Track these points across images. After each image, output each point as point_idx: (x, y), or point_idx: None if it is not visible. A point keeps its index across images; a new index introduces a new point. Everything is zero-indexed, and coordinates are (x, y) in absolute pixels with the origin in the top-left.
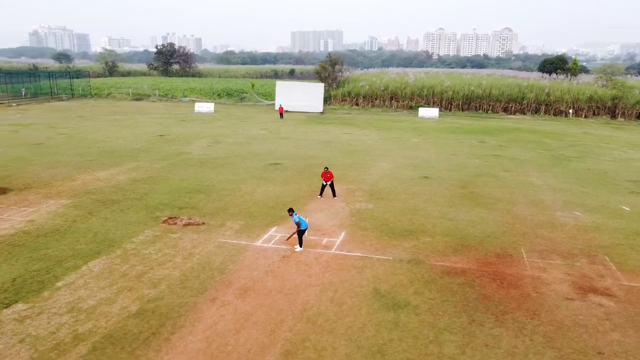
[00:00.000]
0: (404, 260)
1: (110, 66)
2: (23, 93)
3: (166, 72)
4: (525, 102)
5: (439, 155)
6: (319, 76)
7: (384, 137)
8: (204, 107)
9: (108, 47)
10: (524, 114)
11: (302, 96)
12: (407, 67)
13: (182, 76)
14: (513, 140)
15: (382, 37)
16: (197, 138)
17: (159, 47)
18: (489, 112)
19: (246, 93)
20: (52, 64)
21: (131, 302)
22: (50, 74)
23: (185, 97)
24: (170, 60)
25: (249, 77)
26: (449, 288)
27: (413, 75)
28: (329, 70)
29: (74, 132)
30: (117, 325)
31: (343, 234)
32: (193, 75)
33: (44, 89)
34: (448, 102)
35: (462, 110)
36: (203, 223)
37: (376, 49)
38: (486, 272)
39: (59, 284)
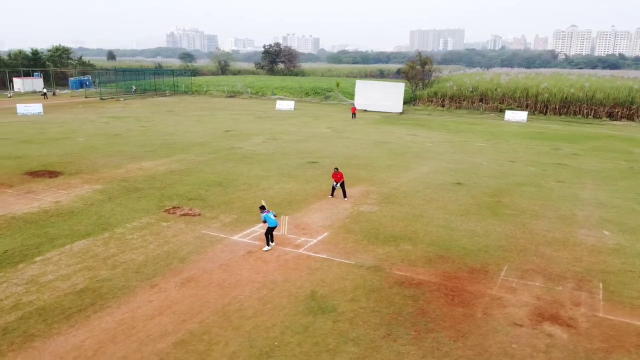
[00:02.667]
0: (365, 266)
1: (223, 65)
2: (133, 89)
3: (272, 71)
4: (634, 106)
5: (494, 161)
6: (405, 76)
7: (448, 140)
8: (285, 104)
9: (234, 48)
10: (632, 120)
11: (381, 96)
12: (528, 67)
13: (286, 74)
14: (595, 149)
15: (507, 36)
16: (258, 134)
17: (266, 47)
18: (589, 117)
19: (331, 92)
20: (175, 63)
21: (82, 281)
22: (155, 72)
23: (274, 94)
24: (276, 60)
25: (352, 76)
26: (389, 299)
27: (507, 76)
28: (416, 70)
29: (154, 125)
30: (55, 299)
31: (324, 235)
32: (296, 74)
33: (153, 85)
34: (543, 105)
35: (559, 114)
36: (199, 214)
37: (499, 48)
38: (444, 287)
39: (38, 258)
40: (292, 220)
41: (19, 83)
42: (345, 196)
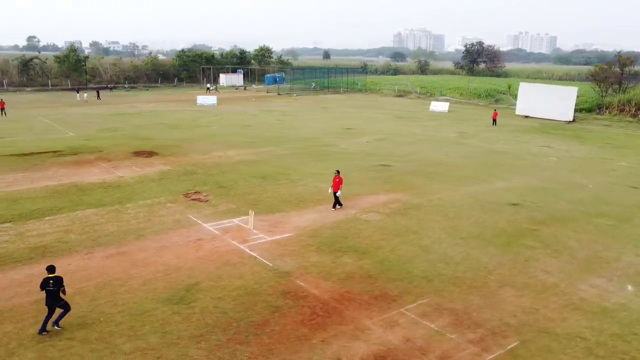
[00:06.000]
0: (278, 270)
1: (423, 64)
2: (312, 87)
3: (471, 71)
4: None
5: (611, 184)
6: (594, 79)
7: (586, 156)
8: (439, 106)
9: (459, 47)
10: None
11: (547, 101)
12: None
13: (486, 75)
14: None
15: None
16: (374, 134)
17: (467, 46)
18: None
19: (504, 94)
20: (381, 61)
21: (49, 240)
22: (329, 70)
23: (443, 95)
24: (477, 60)
25: (565, 79)
26: (253, 305)
27: None
28: (609, 72)
29: (290, 119)
30: (13, 250)
31: (286, 235)
32: (498, 75)
33: (331, 83)
34: None
35: None
36: (206, 200)
37: None
38: (322, 305)
39: (47, 218)
40: (279, 217)
41: (223, 78)
42: (338, 205)
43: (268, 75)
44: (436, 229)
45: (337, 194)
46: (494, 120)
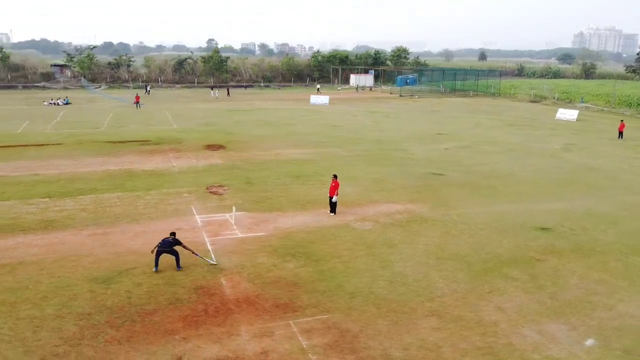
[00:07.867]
0: (218, 266)
1: (588, 67)
2: (440, 89)
3: None
4: None
5: None
6: None
7: None
8: (567, 114)
9: None
10: None
11: None
12: None
13: None
14: None
15: None
16: (460, 140)
17: None
18: None
19: None
20: (551, 64)
21: (59, 216)
22: (456, 72)
23: (584, 102)
24: None
25: None
26: (153, 293)
27: None
28: None
29: (386, 121)
30: (27, 220)
31: (258, 234)
32: None
33: (463, 86)
34: None
35: None
36: (222, 194)
37: None
38: (219, 306)
39: (79, 197)
40: (271, 216)
41: (353, 79)
42: (332, 212)
43: (400, 76)
44: (419, 244)
45: (333, 199)
46: (620, 133)
